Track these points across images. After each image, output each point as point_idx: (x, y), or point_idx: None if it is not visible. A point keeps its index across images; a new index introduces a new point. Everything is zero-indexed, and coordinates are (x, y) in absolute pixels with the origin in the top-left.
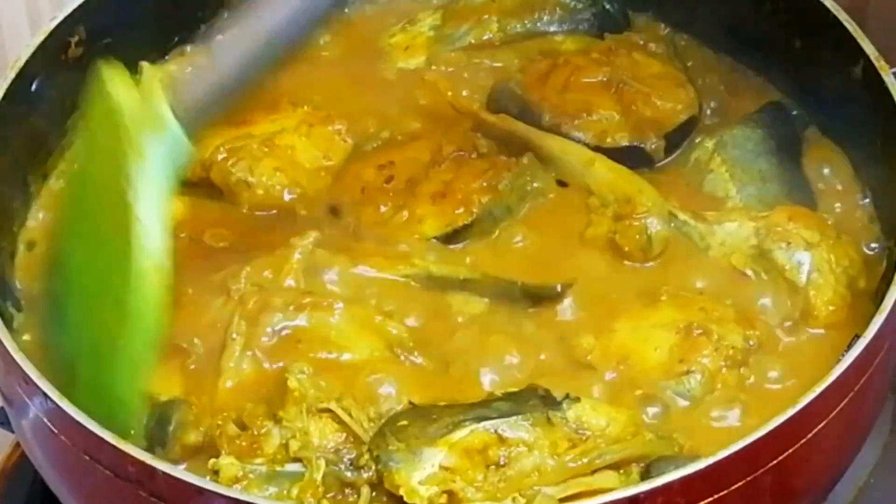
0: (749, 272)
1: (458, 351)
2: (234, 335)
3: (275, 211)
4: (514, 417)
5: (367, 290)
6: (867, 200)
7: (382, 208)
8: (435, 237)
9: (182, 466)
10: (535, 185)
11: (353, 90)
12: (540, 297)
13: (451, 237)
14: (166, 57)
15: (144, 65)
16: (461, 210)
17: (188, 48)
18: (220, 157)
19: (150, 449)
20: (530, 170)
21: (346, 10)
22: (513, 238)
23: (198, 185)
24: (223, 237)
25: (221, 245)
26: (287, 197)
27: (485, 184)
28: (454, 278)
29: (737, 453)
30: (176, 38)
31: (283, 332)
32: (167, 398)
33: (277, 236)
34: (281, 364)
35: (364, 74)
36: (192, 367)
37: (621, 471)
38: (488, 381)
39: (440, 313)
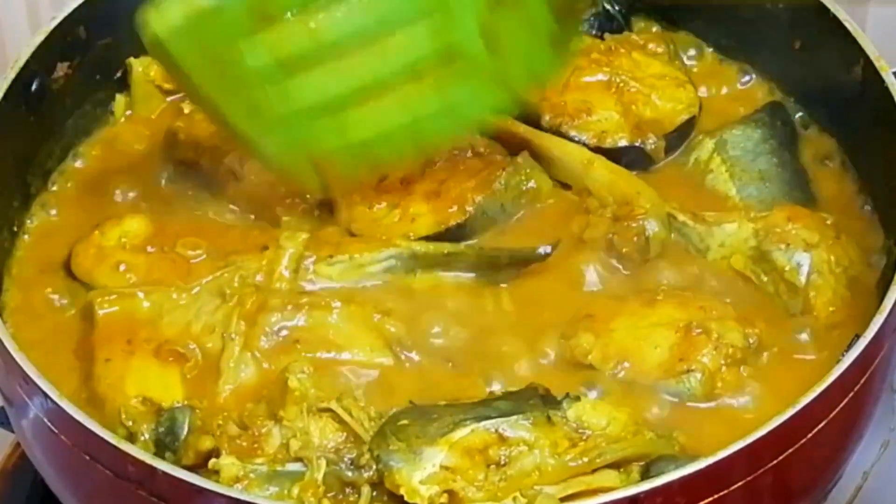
0: (749, 274)
1: (457, 349)
2: (233, 335)
3: (252, 216)
4: (515, 417)
5: (361, 287)
6: (867, 200)
7: (376, 207)
8: (427, 236)
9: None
10: (530, 184)
11: None
12: (528, 262)
13: (444, 236)
14: None
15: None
16: (454, 208)
17: None
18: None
19: (159, 455)
20: (525, 169)
21: None
22: (512, 238)
23: (189, 165)
24: (196, 245)
25: (197, 252)
26: (276, 192)
27: (479, 182)
28: (438, 254)
29: (737, 453)
30: None
31: (282, 333)
32: (170, 404)
33: (253, 239)
34: (280, 364)
35: None
36: (192, 371)
37: (621, 470)
38: (488, 380)
39: (437, 309)
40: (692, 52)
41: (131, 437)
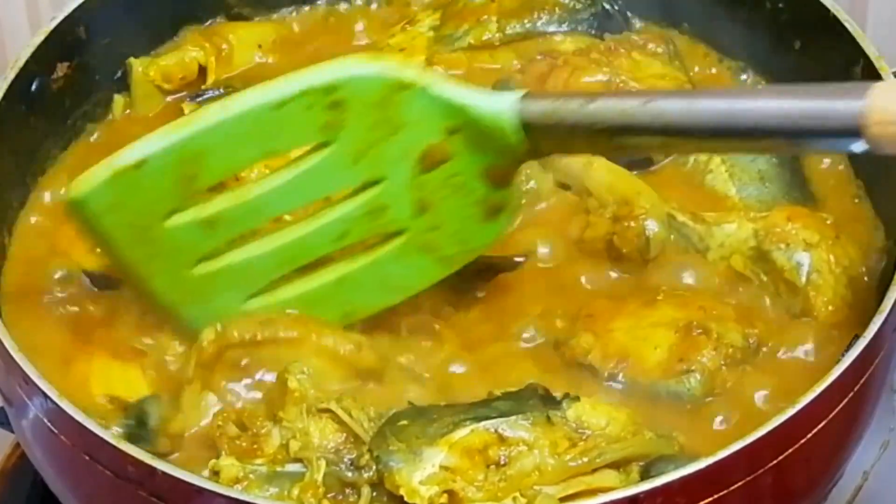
0: (749, 274)
1: (455, 352)
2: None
3: None
4: (514, 417)
5: None
6: (866, 200)
7: None
8: None
9: (179, 463)
10: (530, 184)
11: None
12: (499, 270)
13: None
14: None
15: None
16: None
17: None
18: None
19: None
20: (525, 169)
21: (345, 10)
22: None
23: None
24: None
25: None
26: None
27: None
28: None
29: (737, 453)
30: (176, 39)
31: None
32: (136, 399)
33: None
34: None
35: None
36: (152, 366)
37: (621, 470)
38: (486, 380)
39: (420, 313)
40: (692, 52)
41: None
